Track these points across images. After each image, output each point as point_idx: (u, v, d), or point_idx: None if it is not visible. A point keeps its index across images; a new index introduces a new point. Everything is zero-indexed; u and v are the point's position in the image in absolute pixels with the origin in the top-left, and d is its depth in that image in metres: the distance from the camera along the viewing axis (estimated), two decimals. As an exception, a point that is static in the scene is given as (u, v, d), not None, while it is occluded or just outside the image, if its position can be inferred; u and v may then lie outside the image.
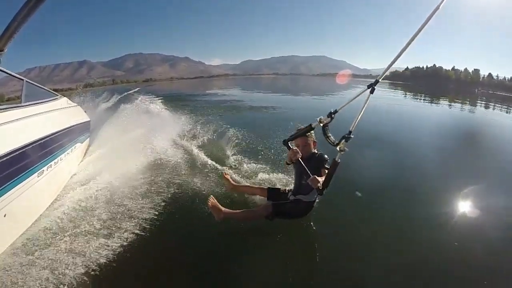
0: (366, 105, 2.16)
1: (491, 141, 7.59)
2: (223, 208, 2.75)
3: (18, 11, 1.59)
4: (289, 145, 2.71)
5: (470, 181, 4.03)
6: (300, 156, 2.60)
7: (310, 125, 2.50)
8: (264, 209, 2.79)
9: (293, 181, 3.07)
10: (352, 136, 2.21)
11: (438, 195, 3.65)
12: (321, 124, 2.39)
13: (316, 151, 2.80)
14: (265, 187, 3.22)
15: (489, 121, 12.50)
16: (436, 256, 2.53)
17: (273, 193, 3.10)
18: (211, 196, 2.85)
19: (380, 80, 2.20)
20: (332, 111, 2.33)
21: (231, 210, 2.78)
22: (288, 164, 2.90)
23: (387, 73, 2.34)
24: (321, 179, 2.40)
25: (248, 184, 3.58)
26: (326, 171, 2.47)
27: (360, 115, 2.18)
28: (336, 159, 2.30)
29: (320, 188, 2.37)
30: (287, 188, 3.16)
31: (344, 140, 2.23)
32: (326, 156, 2.68)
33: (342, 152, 2.26)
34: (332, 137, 2.35)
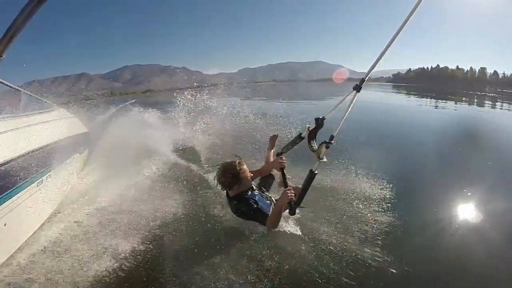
0: (351, 106, 1.94)
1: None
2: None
3: (17, 15, 1.60)
4: (277, 155, 2.64)
5: (471, 183, 4.02)
6: (283, 167, 2.54)
7: (300, 134, 2.32)
8: None
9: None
10: (333, 142, 1.96)
11: (438, 197, 3.62)
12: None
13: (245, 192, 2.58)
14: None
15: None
16: (435, 261, 2.50)
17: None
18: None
19: (365, 79, 1.97)
20: (320, 117, 2.12)
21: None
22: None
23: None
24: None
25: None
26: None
27: (345, 118, 1.96)
28: (313, 170, 2.04)
29: (293, 203, 2.15)
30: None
31: (324, 146, 1.97)
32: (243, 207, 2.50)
33: (321, 161, 2.01)
34: (315, 146, 2.14)
